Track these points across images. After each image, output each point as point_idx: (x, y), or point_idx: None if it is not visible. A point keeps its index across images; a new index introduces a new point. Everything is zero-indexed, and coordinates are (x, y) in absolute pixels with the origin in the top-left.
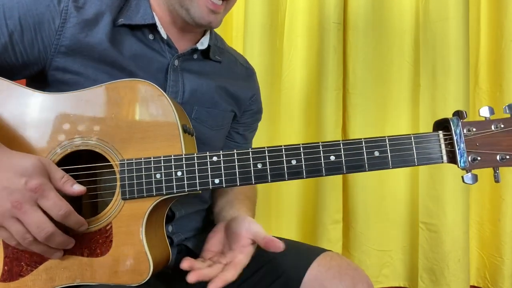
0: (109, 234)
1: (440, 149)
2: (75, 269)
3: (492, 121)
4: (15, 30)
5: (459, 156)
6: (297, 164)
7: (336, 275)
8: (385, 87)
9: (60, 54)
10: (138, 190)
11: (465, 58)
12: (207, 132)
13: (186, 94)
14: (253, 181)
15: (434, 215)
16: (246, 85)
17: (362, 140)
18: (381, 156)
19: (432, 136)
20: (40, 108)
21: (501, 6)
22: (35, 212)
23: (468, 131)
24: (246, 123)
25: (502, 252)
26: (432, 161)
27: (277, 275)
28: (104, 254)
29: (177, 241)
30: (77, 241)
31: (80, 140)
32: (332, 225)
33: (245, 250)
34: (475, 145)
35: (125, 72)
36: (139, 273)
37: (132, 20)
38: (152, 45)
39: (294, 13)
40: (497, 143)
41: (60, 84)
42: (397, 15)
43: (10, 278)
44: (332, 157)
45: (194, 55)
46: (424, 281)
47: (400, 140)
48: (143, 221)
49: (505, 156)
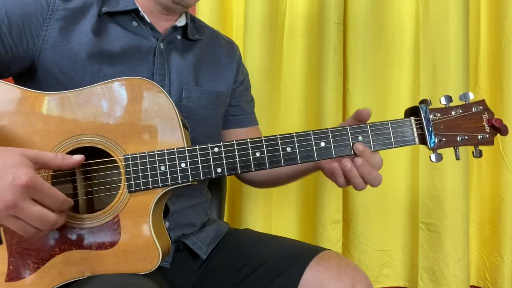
0: (117, 227)
1: (413, 132)
2: (84, 263)
3: (452, 108)
4: (2, 23)
5: (429, 138)
6: (291, 151)
7: (335, 275)
8: (385, 87)
9: (49, 46)
10: (144, 182)
11: (465, 58)
12: (203, 112)
13: (173, 75)
14: (253, 168)
15: (434, 215)
16: (229, 56)
17: (347, 127)
18: (364, 141)
19: (405, 122)
20: (41, 107)
21: (501, 6)
22: (33, 207)
23: (434, 116)
24: (235, 93)
25: (502, 252)
26: (406, 143)
27: (275, 274)
28: (113, 246)
29: (174, 237)
30: (84, 235)
31: (82, 137)
32: (332, 225)
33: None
34: (440, 128)
35: (113, 60)
36: (149, 261)
37: (115, 8)
38: (136, 31)
39: (294, 14)
40: (457, 126)
41: (50, 79)
42: (397, 15)
43: (16, 277)
44: (322, 143)
45: (176, 35)
46: (424, 281)
47: (379, 126)
48: (150, 211)
49: (464, 137)
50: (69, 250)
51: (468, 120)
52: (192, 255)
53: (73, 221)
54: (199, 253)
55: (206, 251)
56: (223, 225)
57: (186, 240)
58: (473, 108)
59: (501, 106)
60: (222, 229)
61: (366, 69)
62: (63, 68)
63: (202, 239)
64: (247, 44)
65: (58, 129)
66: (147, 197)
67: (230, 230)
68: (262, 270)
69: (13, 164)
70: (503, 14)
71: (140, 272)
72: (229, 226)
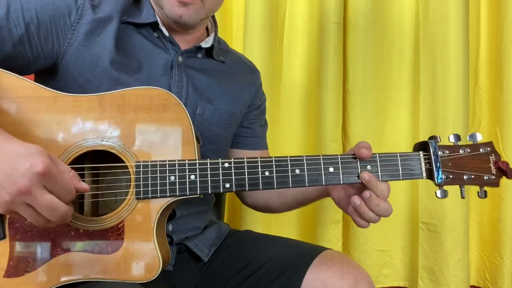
0: (121, 232)
1: (421, 166)
2: (84, 266)
3: (461, 146)
4: (31, 22)
5: (436, 174)
6: (300, 173)
7: (338, 274)
8: (385, 87)
9: (73, 49)
10: (153, 190)
11: (465, 58)
12: (214, 130)
13: (190, 90)
14: (261, 187)
15: (434, 215)
16: (249, 80)
17: (356, 156)
18: (372, 171)
19: (414, 155)
20: (59, 107)
21: (501, 6)
22: (45, 195)
23: (443, 153)
24: (248, 116)
25: (502, 252)
26: (414, 176)
27: (278, 274)
28: (115, 251)
29: (177, 240)
30: (87, 238)
31: (97, 140)
32: (332, 225)
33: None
34: (447, 165)
35: (132, 69)
36: (149, 270)
37: (136, 19)
38: (156, 42)
39: (294, 14)
40: (464, 165)
41: (70, 80)
42: (397, 15)
43: (15, 273)
44: (331, 168)
45: (198, 54)
46: (424, 281)
47: (389, 157)
48: (155, 220)
49: (470, 176)
50: (71, 252)
51: (476, 160)
52: (194, 257)
53: (78, 222)
54: (202, 256)
55: (208, 253)
56: (224, 226)
57: (188, 243)
58: (481, 149)
59: (501, 106)
60: (223, 230)
61: (366, 69)
62: (83, 71)
63: (204, 242)
64: (247, 44)
65: (75, 131)
66: (154, 206)
67: (231, 231)
68: (264, 270)
69: (34, 152)
70: (503, 14)
71: (138, 280)
72: (230, 227)
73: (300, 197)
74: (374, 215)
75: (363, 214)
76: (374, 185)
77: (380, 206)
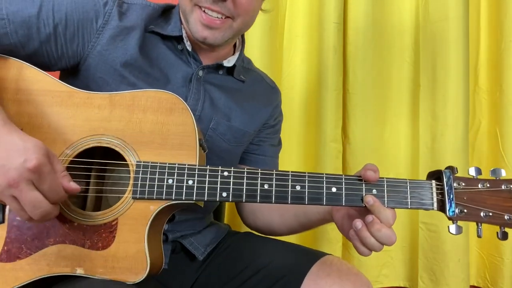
0: (114, 230)
1: (432, 197)
2: (74, 259)
3: (480, 180)
4: (60, 23)
5: (448, 206)
6: (300, 190)
7: (336, 281)
8: (385, 87)
9: (96, 52)
10: (149, 191)
11: (465, 58)
12: (224, 146)
13: (206, 104)
14: (258, 199)
15: (434, 215)
16: (267, 100)
17: (362, 178)
18: (378, 195)
19: (425, 183)
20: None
21: (501, 6)
22: (30, 192)
23: (458, 185)
24: (260, 134)
25: (502, 252)
26: (423, 206)
27: (275, 279)
28: (105, 248)
29: (172, 237)
30: (80, 232)
31: (103, 137)
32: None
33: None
34: (462, 199)
35: (151, 77)
36: (135, 272)
37: (163, 30)
38: (179, 55)
39: (294, 14)
40: (482, 200)
41: (90, 81)
42: (397, 15)
43: (7, 258)
44: (334, 188)
45: (219, 71)
46: (424, 281)
47: (397, 183)
48: (149, 221)
49: (488, 213)
50: (63, 243)
51: (496, 197)
52: (189, 257)
53: (74, 215)
54: (196, 254)
55: (204, 252)
56: (223, 227)
57: (183, 241)
58: (503, 186)
59: (501, 106)
60: (222, 231)
61: (366, 69)
62: (103, 74)
63: (199, 241)
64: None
65: (84, 126)
66: (149, 207)
67: (230, 232)
68: (262, 275)
69: (31, 147)
70: (503, 14)
71: (125, 281)
72: (230, 228)
73: (304, 219)
74: (375, 242)
75: (364, 239)
76: (378, 210)
77: (382, 231)
